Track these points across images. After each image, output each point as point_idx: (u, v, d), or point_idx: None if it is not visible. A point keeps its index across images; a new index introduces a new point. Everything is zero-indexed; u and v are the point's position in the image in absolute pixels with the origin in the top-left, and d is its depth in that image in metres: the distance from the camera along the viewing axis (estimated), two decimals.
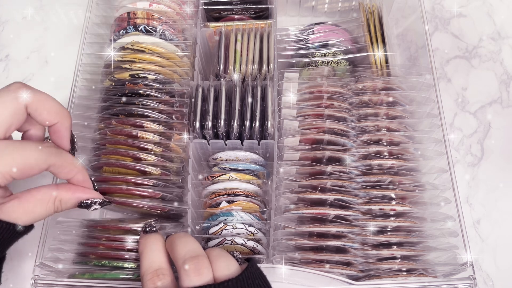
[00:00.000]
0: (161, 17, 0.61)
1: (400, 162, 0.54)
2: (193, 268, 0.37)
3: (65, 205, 0.40)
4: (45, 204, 0.39)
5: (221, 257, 0.39)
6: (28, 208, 0.38)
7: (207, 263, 0.38)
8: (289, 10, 0.74)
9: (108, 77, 0.58)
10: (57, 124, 0.40)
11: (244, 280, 0.37)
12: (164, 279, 0.38)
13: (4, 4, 0.79)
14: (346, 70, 0.62)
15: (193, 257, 0.37)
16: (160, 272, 0.38)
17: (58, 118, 0.39)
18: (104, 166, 0.53)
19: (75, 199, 0.41)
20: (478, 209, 0.63)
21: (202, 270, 0.37)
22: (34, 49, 0.75)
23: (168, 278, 0.38)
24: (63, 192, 0.40)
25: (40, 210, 0.39)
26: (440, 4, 0.79)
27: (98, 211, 0.59)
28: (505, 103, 0.71)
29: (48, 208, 0.39)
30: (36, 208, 0.39)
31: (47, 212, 0.39)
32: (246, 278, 0.38)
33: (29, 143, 0.38)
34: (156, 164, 0.52)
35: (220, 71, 0.59)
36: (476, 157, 0.67)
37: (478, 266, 0.59)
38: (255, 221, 0.53)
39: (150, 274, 0.38)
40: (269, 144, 0.56)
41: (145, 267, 0.39)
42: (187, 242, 0.39)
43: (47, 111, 0.38)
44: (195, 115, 0.56)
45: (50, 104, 0.39)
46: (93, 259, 0.49)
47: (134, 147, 0.53)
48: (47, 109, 0.38)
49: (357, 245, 0.51)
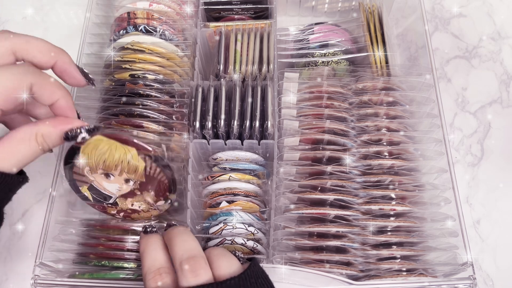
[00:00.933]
0: (161, 17, 0.61)
1: (400, 162, 0.54)
2: (190, 269, 0.37)
3: (49, 139, 0.38)
4: (27, 142, 0.37)
5: (222, 256, 0.39)
6: (10, 149, 0.36)
7: (204, 263, 0.37)
8: (289, 10, 0.74)
9: (108, 77, 0.58)
10: (58, 62, 0.38)
11: (247, 279, 0.37)
12: (166, 277, 0.37)
13: (4, 4, 0.79)
14: (346, 70, 0.62)
15: (190, 257, 0.37)
16: (163, 271, 0.38)
17: (54, 55, 0.38)
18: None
19: (58, 132, 0.38)
20: (478, 209, 0.63)
21: (199, 271, 0.37)
22: None
23: (170, 277, 0.38)
24: (43, 126, 0.38)
25: (24, 149, 0.37)
26: (440, 4, 0.79)
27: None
28: (505, 103, 0.71)
29: (32, 146, 0.37)
30: (19, 147, 0.37)
31: (31, 150, 0.37)
32: (249, 276, 0.37)
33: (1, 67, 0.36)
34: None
35: (220, 71, 0.59)
36: (476, 157, 0.67)
37: (478, 266, 0.59)
38: (255, 221, 0.53)
39: (152, 273, 0.38)
40: (269, 144, 0.56)
41: (147, 266, 0.38)
42: (185, 241, 0.39)
43: (39, 51, 0.37)
44: (195, 115, 0.56)
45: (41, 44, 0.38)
46: (93, 259, 0.49)
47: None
48: (38, 49, 0.37)
49: (357, 245, 0.51)
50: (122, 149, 0.45)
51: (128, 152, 0.45)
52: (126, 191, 0.49)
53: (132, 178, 0.47)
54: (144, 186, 0.48)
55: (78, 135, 0.39)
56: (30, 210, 0.63)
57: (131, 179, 0.47)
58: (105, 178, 0.47)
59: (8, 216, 0.63)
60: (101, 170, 0.46)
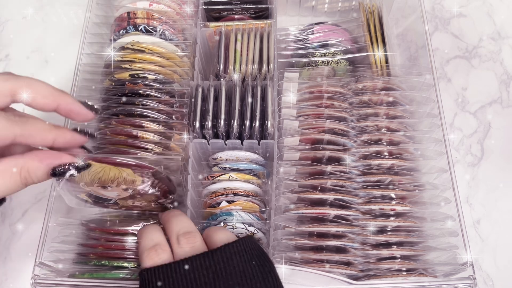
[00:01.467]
0: (161, 17, 0.61)
1: (400, 162, 0.54)
2: (186, 240, 0.37)
3: (34, 175, 0.35)
4: (8, 176, 0.34)
5: (217, 230, 0.39)
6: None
7: (199, 237, 0.38)
8: (289, 10, 0.74)
9: (108, 77, 0.58)
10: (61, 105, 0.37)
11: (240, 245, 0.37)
12: (162, 253, 0.37)
13: (4, 4, 0.79)
14: (346, 70, 0.62)
15: (186, 232, 0.38)
16: (158, 247, 0.38)
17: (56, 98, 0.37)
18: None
19: (45, 167, 0.36)
20: (478, 209, 0.63)
21: (195, 243, 0.37)
22: (34, 49, 0.75)
23: (166, 252, 0.38)
24: (29, 160, 0.35)
25: (4, 183, 0.34)
26: (440, 4, 0.79)
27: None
28: (505, 103, 0.71)
29: (13, 180, 0.34)
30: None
31: (12, 184, 0.34)
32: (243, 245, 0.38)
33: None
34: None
35: (220, 71, 0.59)
36: (476, 157, 0.67)
37: (478, 266, 0.59)
38: (255, 221, 0.53)
39: (147, 250, 0.37)
40: (269, 144, 0.56)
41: (143, 245, 0.38)
42: (181, 220, 0.40)
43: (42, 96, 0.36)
44: (195, 115, 0.56)
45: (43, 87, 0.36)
46: (93, 259, 0.49)
47: (134, 147, 0.53)
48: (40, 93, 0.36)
49: (357, 245, 0.51)
50: (116, 170, 0.43)
51: (123, 171, 0.44)
52: (126, 195, 0.49)
53: (131, 188, 0.47)
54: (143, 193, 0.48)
55: (66, 171, 0.37)
56: (30, 210, 0.63)
57: (129, 188, 0.47)
58: (103, 189, 0.47)
59: (8, 216, 0.63)
60: (97, 184, 0.45)
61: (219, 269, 0.35)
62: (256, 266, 0.37)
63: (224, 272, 0.35)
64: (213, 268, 0.35)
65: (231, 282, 0.35)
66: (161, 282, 0.35)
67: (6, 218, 0.63)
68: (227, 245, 0.37)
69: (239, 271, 0.36)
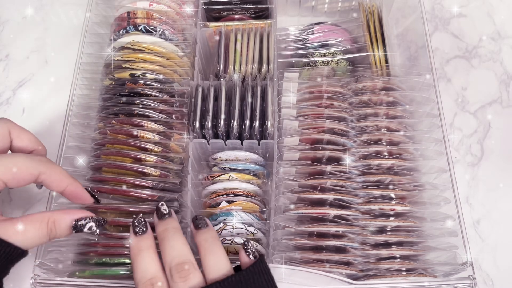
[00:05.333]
0: (161, 16, 0.61)
1: (400, 162, 0.54)
2: (179, 275, 0.38)
3: (59, 227, 0.41)
4: (38, 225, 0.40)
5: (210, 255, 0.40)
6: (21, 228, 0.40)
7: (193, 268, 0.39)
8: (289, 10, 0.74)
9: (108, 76, 0.58)
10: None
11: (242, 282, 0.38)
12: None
13: (4, 4, 0.79)
14: (346, 70, 0.62)
15: (178, 264, 0.39)
16: (154, 281, 0.38)
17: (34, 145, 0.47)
18: (103, 167, 0.52)
19: (69, 219, 0.42)
20: (478, 209, 0.63)
21: (188, 276, 0.38)
22: (34, 49, 0.75)
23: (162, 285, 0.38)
24: (55, 212, 0.42)
25: (34, 230, 0.40)
26: (440, 4, 0.79)
27: None
28: (505, 103, 0.71)
29: (41, 229, 0.40)
30: (29, 227, 0.40)
31: (40, 232, 0.40)
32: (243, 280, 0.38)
33: (20, 154, 0.44)
34: (155, 166, 0.52)
35: (220, 71, 0.59)
36: (476, 157, 0.67)
37: (478, 266, 0.59)
38: (255, 221, 0.53)
39: (143, 284, 0.38)
40: (269, 144, 0.56)
41: (139, 276, 0.39)
42: (173, 247, 0.40)
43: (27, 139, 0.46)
44: (195, 115, 0.56)
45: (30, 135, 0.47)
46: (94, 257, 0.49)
47: (134, 147, 0.53)
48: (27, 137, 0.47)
49: (357, 245, 0.51)
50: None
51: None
52: None
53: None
54: None
55: (86, 224, 0.43)
56: (30, 210, 0.63)
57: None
58: None
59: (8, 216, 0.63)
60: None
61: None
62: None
63: None
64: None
65: None
66: None
67: None
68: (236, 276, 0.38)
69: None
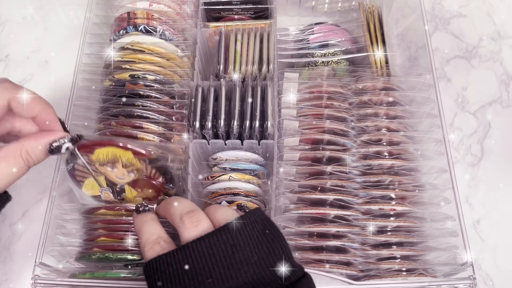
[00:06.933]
0: (161, 17, 0.61)
1: (400, 162, 0.54)
2: (190, 220, 0.37)
3: (34, 155, 0.38)
4: (12, 159, 0.37)
5: (217, 209, 0.39)
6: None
7: (203, 215, 0.38)
8: (289, 10, 0.74)
9: (108, 77, 0.58)
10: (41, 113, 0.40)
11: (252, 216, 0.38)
12: (165, 244, 0.38)
13: (4, 4, 0.79)
14: (346, 70, 0.62)
15: (189, 211, 0.38)
16: (161, 239, 0.38)
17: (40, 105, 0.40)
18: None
19: (42, 145, 0.38)
20: (478, 209, 0.63)
21: (199, 221, 0.37)
22: (34, 49, 0.75)
23: (168, 244, 0.38)
24: (26, 141, 0.38)
25: (10, 167, 0.37)
26: (440, 4, 0.79)
27: None
28: (505, 103, 0.71)
29: (17, 163, 0.37)
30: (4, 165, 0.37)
31: (17, 167, 0.37)
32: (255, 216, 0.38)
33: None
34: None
35: (220, 71, 0.59)
36: (476, 157, 0.67)
37: (478, 266, 0.59)
38: None
39: (150, 243, 0.38)
40: (269, 144, 0.56)
41: (145, 239, 0.38)
42: (181, 201, 0.40)
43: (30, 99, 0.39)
44: (195, 115, 0.56)
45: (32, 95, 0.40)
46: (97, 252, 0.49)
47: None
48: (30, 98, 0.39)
49: (357, 245, 0.51)
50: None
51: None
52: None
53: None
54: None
55: (61, 145, 0.39)
56: (30, 210, 0.63)
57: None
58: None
59: (8, 216, 0.63)
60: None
61: (237, 242, 0.36)
62: (269, 234, 0.38)
63: (242, 243, 0.36)
64: (231, 242, 0.36)
65: (250, 253, 0.36)
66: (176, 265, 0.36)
67: (6, 218, 0.63)
68: (243, 217, 0.37)
69: (255, 241, 0.36)
